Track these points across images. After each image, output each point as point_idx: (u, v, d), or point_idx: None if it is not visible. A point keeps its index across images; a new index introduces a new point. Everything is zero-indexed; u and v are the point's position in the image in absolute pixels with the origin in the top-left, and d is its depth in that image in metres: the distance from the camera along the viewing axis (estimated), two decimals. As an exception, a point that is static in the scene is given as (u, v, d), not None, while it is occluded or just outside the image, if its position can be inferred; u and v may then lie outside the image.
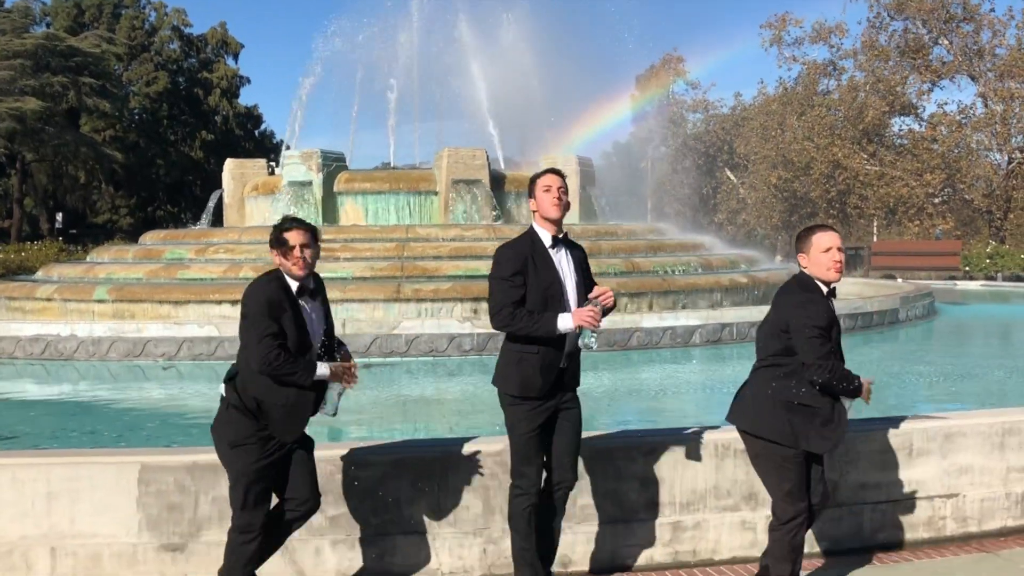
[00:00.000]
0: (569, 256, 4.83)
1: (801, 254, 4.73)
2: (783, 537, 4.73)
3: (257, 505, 4.52)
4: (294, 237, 4.43)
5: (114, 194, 59.95)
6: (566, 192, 4.80)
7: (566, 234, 4.86)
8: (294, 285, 4.50)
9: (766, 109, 47.88)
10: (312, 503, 4.66)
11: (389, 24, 27.17)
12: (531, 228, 4.82)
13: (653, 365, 13.13)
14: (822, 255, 4.62)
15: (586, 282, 4.84)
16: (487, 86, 25.27)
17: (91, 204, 60.65)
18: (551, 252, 4.75)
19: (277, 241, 4.45)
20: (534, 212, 4.81)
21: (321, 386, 4.54)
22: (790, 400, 4.60)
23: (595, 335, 4.59)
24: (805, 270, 4.71)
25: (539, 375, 4.67)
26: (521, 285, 4.63)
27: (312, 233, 4.50)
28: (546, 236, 4.77)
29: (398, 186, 20.17)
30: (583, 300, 4.71)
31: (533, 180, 4.82)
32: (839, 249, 4.62)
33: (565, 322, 4.58)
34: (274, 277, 4.52)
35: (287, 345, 4.40)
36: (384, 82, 26.24)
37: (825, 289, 4.69)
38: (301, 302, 4.51)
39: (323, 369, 4.46)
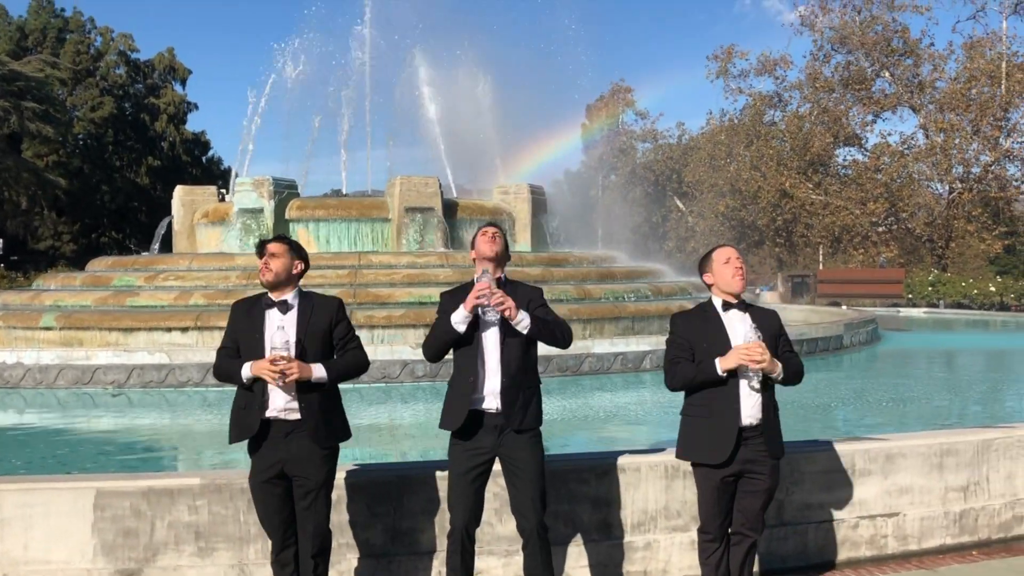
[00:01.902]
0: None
1: (706, 274, 4.92)
2: (699, 544, 4.95)
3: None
4: (268, 248, 4.72)
5: (57, 220, 58.83)
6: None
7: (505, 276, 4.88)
8: (273, 297, 4.73)
9: (714, 139, 48.71)
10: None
11: (341, 52, 27.30)
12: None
13: (604, 390, 13.29)
14: (723, 267, 4.82)
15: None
16: (439, 114, 25.45)
17: (33, 230, 59.40)
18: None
19: (257, 252, 4.77)
20: None
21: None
22: (683, 412, 4.89)
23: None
24: (712, 287, 4.90)
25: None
26: None
27: (288, 246, 4.78)
28: None
29: (350, 213, 20.19)
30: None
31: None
32: (737, 258, 4.84)
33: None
34: (261, 292, 4.81)
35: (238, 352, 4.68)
36: (336, 110, 26.32)
37: (732, 301, 4.83)
38: (268, 312, 4.69)
39: (246, 370, 4.58)
